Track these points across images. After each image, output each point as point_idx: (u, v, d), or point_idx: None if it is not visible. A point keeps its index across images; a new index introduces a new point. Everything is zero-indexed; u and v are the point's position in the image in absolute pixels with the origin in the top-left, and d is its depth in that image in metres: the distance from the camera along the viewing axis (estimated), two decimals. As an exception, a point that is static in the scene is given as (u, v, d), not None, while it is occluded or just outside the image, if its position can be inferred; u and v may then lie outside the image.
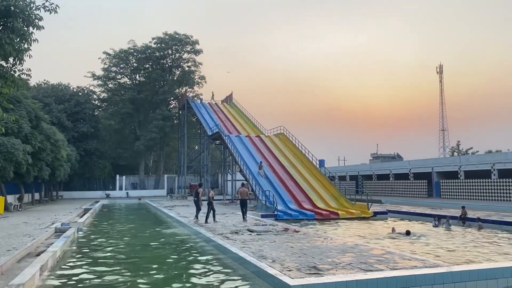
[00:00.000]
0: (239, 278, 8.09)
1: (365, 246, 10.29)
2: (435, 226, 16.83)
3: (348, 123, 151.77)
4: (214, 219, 16.50)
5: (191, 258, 10.33)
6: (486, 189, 31.98)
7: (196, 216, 16.77)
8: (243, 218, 16.82)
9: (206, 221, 15.98)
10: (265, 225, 15.38)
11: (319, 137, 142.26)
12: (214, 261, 9.76)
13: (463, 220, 17.51)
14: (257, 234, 12.60)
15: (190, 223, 16.27)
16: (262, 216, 18.58)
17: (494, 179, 31.54)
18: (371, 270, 7.48)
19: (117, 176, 49.00)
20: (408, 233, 13.99)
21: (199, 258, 10.21)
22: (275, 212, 20.60)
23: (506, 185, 30.37)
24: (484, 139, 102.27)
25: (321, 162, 39.30)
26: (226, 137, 31.34)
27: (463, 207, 18.81)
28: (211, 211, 16.35)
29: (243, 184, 18.73)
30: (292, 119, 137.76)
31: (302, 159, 29.41)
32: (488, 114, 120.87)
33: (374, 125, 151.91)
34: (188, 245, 12.35)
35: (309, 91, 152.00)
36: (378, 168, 47.86)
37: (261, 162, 19.45)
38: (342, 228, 16.93)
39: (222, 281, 7.92)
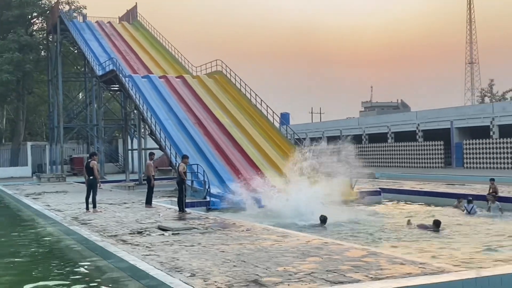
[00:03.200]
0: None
1: (338, 246, 10.67)
2: (467, 212, 17.82)
3: (328, 58, 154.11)
4: (180, 206, 17.37)
5: (58, 275, 10.18)
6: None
7: (179, 206, 17.46)
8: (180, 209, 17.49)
9: (183, 209, 17.20)
10: (190, 219, 15.49)
11: (284, 82, 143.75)
12: (96, 280, 9.72)
13: (492, 199, 18.66)
14: (172, 234, 12.68)
15: (66, 220, 16.03)
16: (188, 205, 18.72)
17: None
18: (341, 283, 7.75)
19: None
20: (437, 224, 14.31)
21: (72, 277, 10.10)
22: (208, 198, 20.80)
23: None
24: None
25: (284, 117, 39.87)
26: (127, 79, 30.73)
27: (491, 180, 19.99)
28: (184, 194, 17.47)
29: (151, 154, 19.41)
30: (241, 57, 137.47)
31: (252, 113, 29.63)
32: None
33: (366, 61, 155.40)
34: (58, 255, 12.19)
35: (267, 16, 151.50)
36: (370, 124, 49.45)
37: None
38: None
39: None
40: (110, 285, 9.36)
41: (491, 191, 19.49)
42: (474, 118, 38.70)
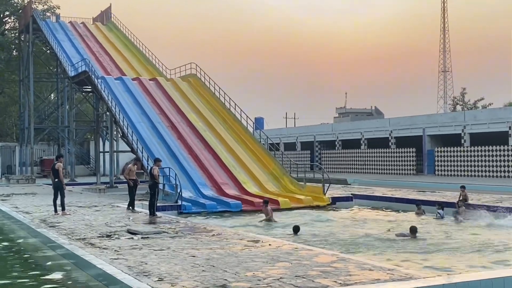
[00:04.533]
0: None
1: (308, 251, 10.70)
2: (439, 217, 18.01)
3: (303, 64, 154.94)
4: (151, 210, 17.26)
5: (24, 279, 10.04)
6: (499, 160, 34.65)
7: (151, 209, 17.37)
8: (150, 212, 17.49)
9: (153, 213, 17.16)
10: (160, 222, 15.42)
11: (259, 86, 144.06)
12: (60, 283, 9.62)
13: (459, 206, 18.87)
14: (142, 238, 12.59)
15: (34, 222, 15.81)
16: (159, 209, 18.61)
17: (512, 145, 34.26)
18: (309, 288, 7.79)
19: None
20: (413, 231, 14.37)
21: (36, 279, 9.97)
22: (179, 202, 20.73)
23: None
24: (501, 86, 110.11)
25: (258, 122, 39.91)
26: (100, 80, 30.46)
27: (462, 188, 20.23)
28: (155, 198, 17.45)
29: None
30: (216, 59, 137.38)
31: (226, 117, 29.63)
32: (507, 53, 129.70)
33: (341, 67, 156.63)
34: (24, 257, 12.05)
35: (243, 20, 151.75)
36: (343, 130, 49.81)
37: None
38: (283, 223, 17.46)
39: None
40: (76, 289, 9.26)
41: (461, 198, 19.71)
42: (446, 126, 39.24)
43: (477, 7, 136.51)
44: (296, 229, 15.07)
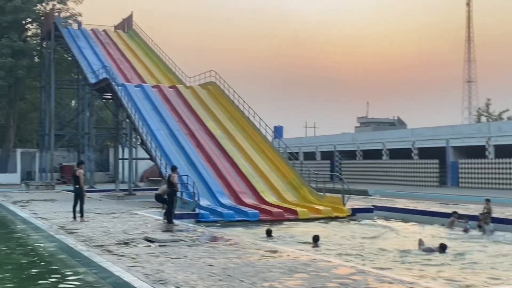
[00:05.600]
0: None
1: (327, 263, 10.63)
2: (466, 230, 17.80)
3: (325, 72, 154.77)
4: (169, 218, 17.38)
5: (39, 285, 10.11)
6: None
7: (168, 217, 17.48)
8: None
9: (171, 220, 17.29)
10: (177, 231, 15.45)
11: (279, 95, 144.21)
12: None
13: (484, 221, 18.58)
14: (159, 246, 12.63)
15: (52, 228, 15.94)
16: (176, 217, 18.65)
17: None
18: (327, 300, 7.74)
19: None
20: (443, 248, 14.08)
21: (58, 286, 10.02)
22: (197, 210, 20.74)
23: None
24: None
25: (277, 131, 39.96)
26: (120, 88, 30.70)
27: (487, 201, 19.93)
28: (173, 205, 17.63)
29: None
30: (236, 67, 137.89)
31: (245, 125, 29.64)
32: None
33: (364, 76, 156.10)
34: (42, 264, 12.13)
35: (265, 27, 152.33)
36: (364, 140, 49.46)
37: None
38: (300, 234, 17.38)
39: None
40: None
41: (485, 211, 19.41)
42: (470, 138, 38.78)
43: (503, 15, 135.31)
44: (316, 239, 14.98)
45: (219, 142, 27.84)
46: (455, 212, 19.57)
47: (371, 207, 24.12)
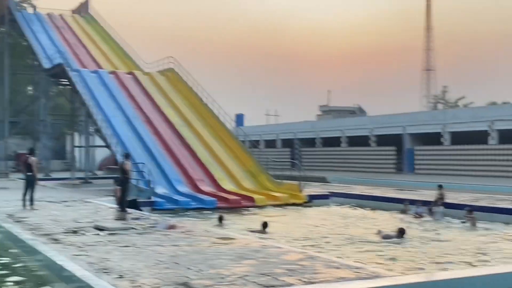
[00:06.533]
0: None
1: (277, 249, 10.57)
2: (418, 215, 18.05)
3: (288, 60, 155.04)
4: (122, 206, 16.95)
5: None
6: (481, 159, 34.65)
7: (121, 205, 16.80)
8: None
9: (124, 208, 16.74)
10: (130, 219, 15.20)
11: (240, 82, 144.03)
12: (21, 279, 9.42)
13: (435, 206, 18.89)
14: (108, 234, 12.38)
15: (1, 217, 15.52)
16: (130, 205, 18.38)
17: (492, 144, 34.34)
18: (273, 286, 7.63)
19: None
20: (401, 232, 14.08)
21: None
22: (152, 198, 20.51)
23: (506, 153, 33.15)
24: (484, 85, 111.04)
25: (239, 118, 39.65)
26: (75, 73, 30.07)
27: (439, 187, 20.24)
28: (126, 193, 17.15)
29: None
30: (199, 54, 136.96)
31: (204, 113, 29.42)
32: (495, 50, 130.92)
33: (325, 64, 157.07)
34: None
35: (229, 14, 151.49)
36: (324, 128, 49.75)
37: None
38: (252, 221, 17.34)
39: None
40: (35, 285, 9.05)
41: (438, 197, 19.73)
42: (426, 125, 39.31)
43: (462, 4, 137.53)
44: (265, 225, 14.92)
45: (177, 130, 27.58)
46: (406, 199, 19.98)
47: (328, 193, 24.26)
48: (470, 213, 16.65)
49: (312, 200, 22.86)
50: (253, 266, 8.92)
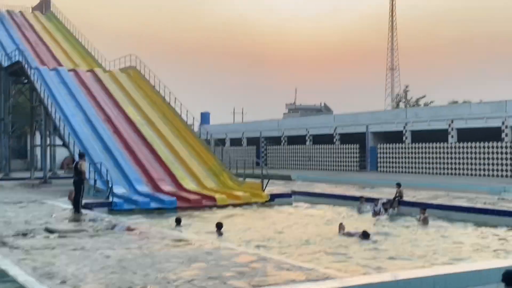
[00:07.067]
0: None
1: (230, 251, 10.37)
2: (376, 213, 18.05)
3: (255, 59, 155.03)
4: (76, 207, 16.73)
5: None
6: (440, 157, 35.10)
7: (75, 206, 16.56)
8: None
9: (78, 210, 16.56)
10: (84, 220, 14.83)
11: (206, 80, 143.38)
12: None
13: (391, 204, 18.97)
14: (59, 237, 12.02)
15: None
16: (86, 206, 17.94)
17: (451, 143, 34.77)
18: (218, 291, 7.47)
19: None
20: (365, 235, 13.75)
21: None
22: (111, 199, 20.08)
23: (465, 152, 33.63)
24: (445, 84, 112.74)
25: (204, 117, 39.19)
26: (33, 71, 29.37)
27: (398, 185, 20.32)
28: (80, 194, 16.87)
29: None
30: (164, 52, 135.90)
31: (166, 112, 29.04)
32: (458, 49, 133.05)
33: (292, 62, 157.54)
34: None
35: (195, 12, 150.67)
36: (289, 126, 49.73)
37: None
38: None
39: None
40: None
41: (397, 195, 19.82)
42: (388, 123, 39.55)
43: (425, 4, 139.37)
44: (219, 226, 14.62)
45: (139, 129, 27.12)
46: (362, 197, 20.07)
47: (290, 192, 24.12)
48: (423, 211, 16.73)
49: (274, 199, 22.65)
50: (202, 270, 8.73)
